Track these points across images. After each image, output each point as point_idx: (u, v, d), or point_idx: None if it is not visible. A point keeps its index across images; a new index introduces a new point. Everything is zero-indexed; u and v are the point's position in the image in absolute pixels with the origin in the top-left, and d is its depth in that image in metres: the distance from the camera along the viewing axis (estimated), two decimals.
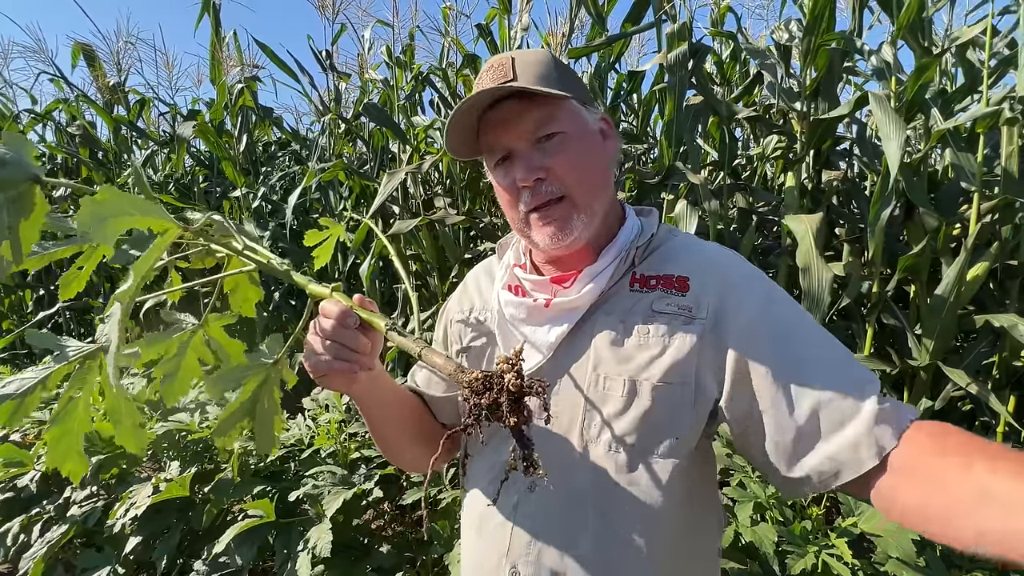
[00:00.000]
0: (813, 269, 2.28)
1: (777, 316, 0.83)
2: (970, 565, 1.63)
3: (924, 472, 0.66)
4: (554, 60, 0.91)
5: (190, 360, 0.94)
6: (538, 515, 0.88)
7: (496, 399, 0.63)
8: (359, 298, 0.85)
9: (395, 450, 1.08)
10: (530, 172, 0.87)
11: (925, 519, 0.64)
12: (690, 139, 2.76)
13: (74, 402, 0.82)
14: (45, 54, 5.05)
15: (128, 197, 0.64)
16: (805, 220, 2.38)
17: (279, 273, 0.86)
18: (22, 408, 0.79)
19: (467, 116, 0.90)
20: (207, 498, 2.17)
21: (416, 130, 3.74)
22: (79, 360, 0.82)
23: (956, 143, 2.35)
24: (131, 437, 0.86)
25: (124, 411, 0.85)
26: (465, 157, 0.98)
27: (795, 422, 0.75)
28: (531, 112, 0.87)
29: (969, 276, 2.30)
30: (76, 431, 0.83)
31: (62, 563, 2.47)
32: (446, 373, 0.70)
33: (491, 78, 0.89)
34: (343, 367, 0.82)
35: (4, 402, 0.78)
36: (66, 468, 0.83)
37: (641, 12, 2.95)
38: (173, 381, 0.93)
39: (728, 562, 1.67)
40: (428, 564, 2.17)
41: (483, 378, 0.65)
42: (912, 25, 2.29)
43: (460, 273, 3.52)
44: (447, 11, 3.78)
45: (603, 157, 0.94)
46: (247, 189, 4.47)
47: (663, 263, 0.92)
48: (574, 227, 0.89)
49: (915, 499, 0.65)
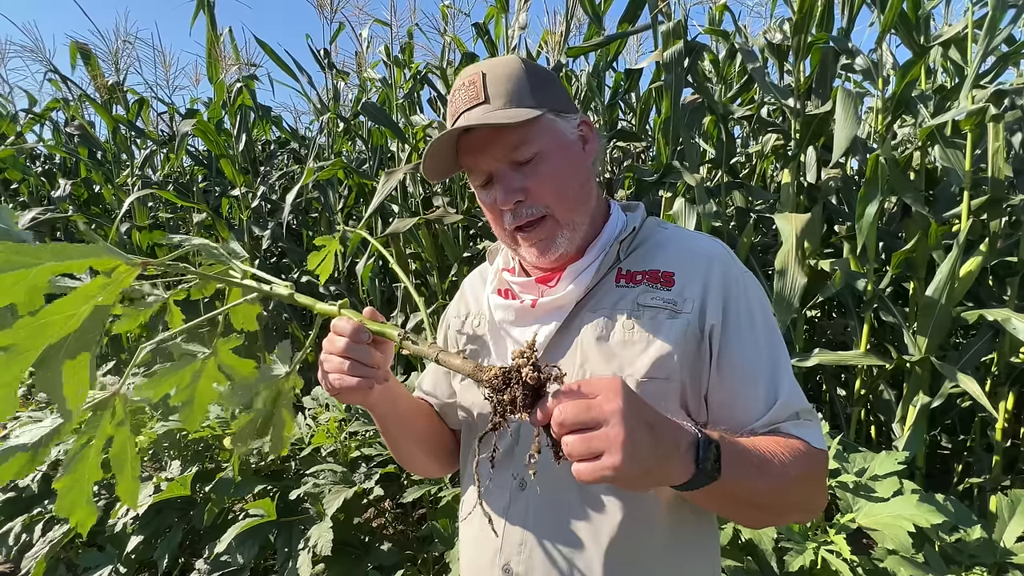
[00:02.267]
0: (789, 273, 2.31)
1: (750, 316, 0.87)
2: (968, 561, 1.64)
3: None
4: (526, 70, 0.90)
5: (204, 386, 0.96)
6: (529, 513, 0.89)
7: (515, 395, 0.63)
8: (369, 311, 0.86)
9: (409, 455, 1.10)
10: (509, 196, 0.88)
11: None
12: (687, 137, 2.77)
13: (85, 450, 0.81)
14: (43, 53, 5.04)
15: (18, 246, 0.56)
16: (793, 220, 2.40)
17: (283, 298, 0.87)
18: (36, 459, 0.79)
19: (444, 143, 0.91)
20: (208, 497, 2.18)
21: (415, 129, 3.74)
22: (91, 408, 0.82)
23: (945, 141, 2.36)
24: (130, 488, 0.85)
25: (128, 460, 0.84)
26: (444, 176, 1.00)
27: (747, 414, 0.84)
28: (504, 135, 0.87)
29: (962, 272, 2.31)
30: (87, 479, 0.81)
31: (64, 562, 2.48)
32: (465, 373, 0.69)
33: (463, 98, 0.89)
34: (360, 383, 0.83)
35: (17, 453, 0.78)
36: (75, 518, 0.81)
37: (637, 12, 2.96)
38: (191, 408, 0.95)
39: (727, 560, 1.67)
40: (429, 562, 2.18)
41: (501, 374, 0.65)
42: (907, 23, 2.30)
43: (460, 272, 3.52)
44: (445, 10, 3.78)
45: (582, 167, 0.94)
46: (246, 188, 4.47)
47: (649, 258, 0.93)
48: (559, 244, 0.91)
49: None
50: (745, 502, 0.77)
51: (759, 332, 0.86)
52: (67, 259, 0.58)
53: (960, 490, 2.73)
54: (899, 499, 1.65)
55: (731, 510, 0.83)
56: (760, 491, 0.75)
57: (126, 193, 4.75)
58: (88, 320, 0.63)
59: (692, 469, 0.66)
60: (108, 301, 0.65)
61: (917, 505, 1.58)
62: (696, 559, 0.92)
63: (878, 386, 2.70)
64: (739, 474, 0.70)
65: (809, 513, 0.93)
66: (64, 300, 0.60)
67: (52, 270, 0.57)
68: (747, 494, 0.75)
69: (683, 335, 0.84)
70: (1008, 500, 1.73)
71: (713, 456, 0.67)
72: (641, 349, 0.85)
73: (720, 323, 0.85)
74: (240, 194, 4.44)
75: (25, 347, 0.58)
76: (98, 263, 0.63)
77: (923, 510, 1.56)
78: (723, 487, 0.69)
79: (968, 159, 2.31)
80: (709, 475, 0.66)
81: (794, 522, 0.90)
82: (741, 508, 0.80)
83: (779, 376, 0.84)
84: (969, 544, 1.66)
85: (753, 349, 0.85)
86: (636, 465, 0.59)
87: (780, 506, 0.82)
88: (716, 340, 0.85)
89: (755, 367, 0.84)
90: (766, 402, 0.83)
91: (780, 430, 0.82)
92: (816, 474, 0.82)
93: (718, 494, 0.72)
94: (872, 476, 1.75)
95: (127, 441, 0.83)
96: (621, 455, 0.59)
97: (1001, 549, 1.64)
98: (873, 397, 2.76)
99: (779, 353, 0.86)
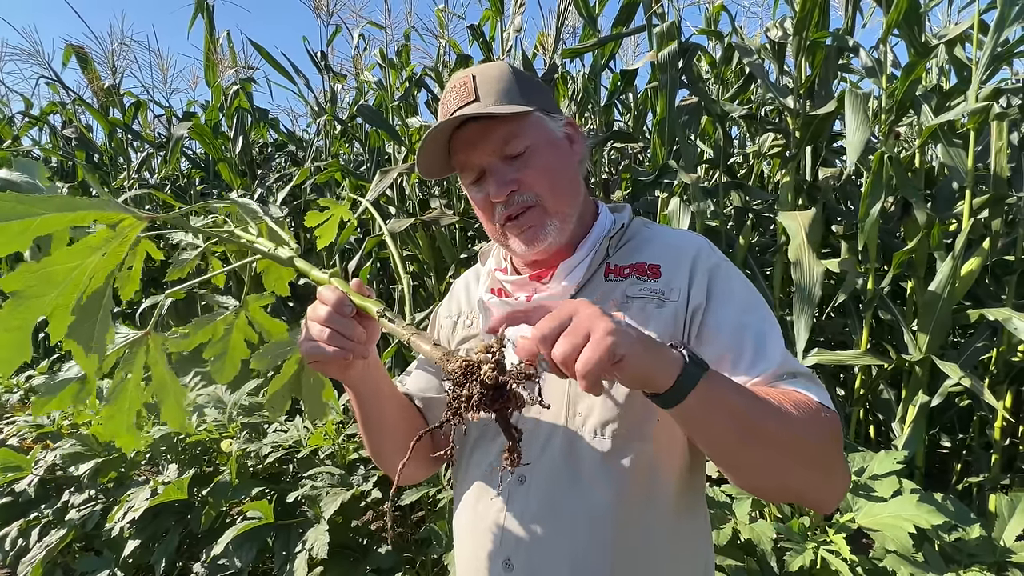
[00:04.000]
0: (804, 263, 2.32)
1: (730, 289, 0.89)
2: (968, 560, 1.64)
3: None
4: (514, 73, 0.94)
5: (236, 340, 1.00)
6: (528, 506, 0.90)
7: (473, 391, 0.61)
8: (356, 283, 0.86)
9: (384, 450, 1.08)
10: (502, 187, 0.90)
11: None
12: (683, 137, 2.78)
13: (124, 383, 0.89)
14: (41, 57, 5.04)
15: (29, 196, 0.58)
16: (799, 217, 2.42)
17: (282, 261, 0.90)
18: (85, 389, 0.89)
19: (437, 140, 0.93)
20: (205, 500, 2.17)
21: (411, 131, 3.74)
22: (127, 346, 0.90)
23: (948, 140, 2.37)
24: (175, 412, 0.95)
25: (170, 388, 0.93)
26: (437, 175, 1.02)
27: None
28: (496, 131, 0.90)
29: (963, 271, 2.31)
30: (128, 409, 0.90)
31: (61, 567, 2.47)
32: (433, 360, 0.69)
33: (455, 99, 0.92)
34: (337, 354, 0.82)
35: (69, 384, 0.88)
36: (120, 441, 0.91)
37: (630, 16, 2.98)
38: (223, 361, 1.00)
39: (726, 559, 1.67)
40: (427, 564, 2.18)
41: (463, 368, 0.63)
42: (908, 22, 2.30)
43: (456, 273, 3.52)
44: (441, 14, 3.78)
45: (571, 162, 0.97)
46: (244, 191, 4.46)
47: (635, 253, 0.96)
48: (548, 232, 0.92)
49: None
50: (749, 431, 0.70)
51: (739, 299, 0.88)
52: (73, 210, 0.60)
53: (959, 489, 2.72)
54: (899, 499, 1.65)
55: (736, 441, 0.72)
56: (759, 417, 0.70)
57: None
58: (100, 274, 0.67)
59: (680, 362, 0.65)
60: (116, 256, 0.68)
61: (917, 505, 1.58)
62: (693, 550, 0.93)
63: (877, 385, 2.69)
64: (728, 387, 0.70)
65: (830, 484, 0.79)
66: (68, 250, 0.62)
67: (58, 220, 0.58)
68: (746, 418, 0.69)
69: (672, 322, 0.87)
70: (1008, 499, 1.73)
71: (699, 360, 0.67)
72: None
73: (704, 301, 0.87)
74: (237, 196, 4.43)
75: (32, 294, 0.60)
76: (104, 216, 0.64)
77: (923, 510, 1.56)
78: (716, 398, 0.67)
79: (971, 158, 2.31)
80: (699, 365, 0.66)
81: (816, 499, 0.81)
82: (748, 442, 0.71)
83: (767, 343, 0.83)
84: (968, 543, 1.66)
85: (735, 315, 0.86)
86: (625, 336, 0.60)
87: (793, 451, 0.73)
88: (699, 315, 0.86)
89: (741, 331, 0.84)
90: (753, 364, 0.81)
91: (778, 386, 0.79)
92: (828, 433, 0.75)
93: (714, 407, 0.68)
94: (871, 475, 1.75)
95: (165, 374, 0.93)
96: (607, 322, 0.60)
97: (1001, 548, 1.64)
98: (872, 397, 2.76)
99: (767, 324, 0.86)
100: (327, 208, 1.06)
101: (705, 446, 0.76)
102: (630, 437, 0.86)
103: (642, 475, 0.86)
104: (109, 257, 0.67)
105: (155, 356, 0.91)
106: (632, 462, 0.86)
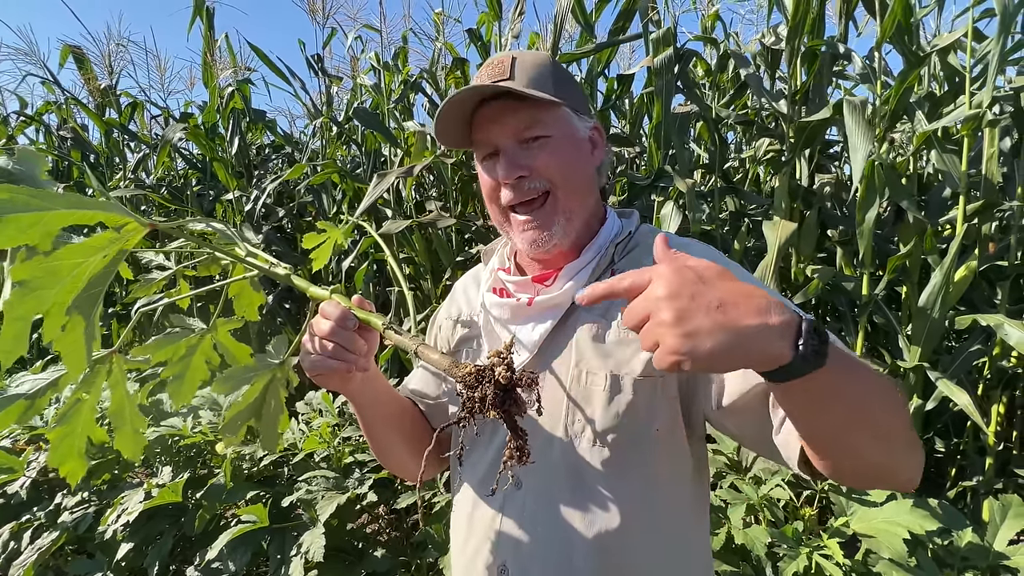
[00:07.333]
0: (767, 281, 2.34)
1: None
2: (961, 564, 1.65)
3: None
4: (554, 65, 0.93)
5: (197, 362, 0.98)
6: (525, 511, 0.89)
7: (486, 393, 0.64)
8: (358, 299, 0.87)
9: (388, 453, 1.09)
10: (512, 170, 0.89)
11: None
12: (679, 142, 2.79)
13: (80, 404, 0.85)
14: (37, 57, 5.01)
15: (39, 191, 0.58)
16: (779, 228, 2.42)
17: (280, 278, 0.89)
18: (33, 408, 0.82)
19: (459, 108, 0.92)
20: (200, 503, 2.16)
21: (407, 134, 3.74)
22: (89, 364, 0.84)
23: (941, 146, 2.38)
24: (130, 442, 0.89)
25: (128, 415, 0.88)
26: (453, 145, 1.00)
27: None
28: (520, 112, 0.89)
29: (956, 277, 2.32)
30: (80, 432, 0.85)
31: (53, 570, 2.45)
32: (441, 368, 0.70)
33: (488, 74, 0.91)
34: (339, 367, 0.84)
35: (16, 401, 0.80)
36: (65, 468, 0.85)
37: (626, 24, 2.99)
38: (181, 382, 0.96)
39: (721, 564, 1.67)
40: (423, 568, 2.17)
41: (476, 372, 0.66)
42: (900, 30, 2.32)
43: (453, 276, 3.52)
44: (437, 17, 3.79)
45: (588, 163, 0.96)
46: (240, 192, 4.45)
47: (643, 260, 0.93)
48: (554, 233, 0.91)
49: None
50: (858, 417, 0.61)
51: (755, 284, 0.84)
52: (82, 209, 0.61)
53: (953, 494, 2.74)
54: (893, 504, 1.65)
55: (836, 430, 0.63)
56: (873, 396, 0.61)
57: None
58: (97, 276, 0.65)
59: (792, 336, 0.53)
60: (116, 258, 0.67)
61: (911, 510, 1.59)
62: (693, 559, 0.92)
63: None
64: (848, 365, 0.59)
65: (919, 458, 0.69)
66: (74, 246, 0.63)
67: (66, 217, 0.59)
68: (859, 403, 0.61)
69: None
70: (1000, 504, 1.74)
71: (818, 337, 0.54)
72: (636, 348, 0.86)
73: None
74: (234, 198, 4.42)
75: (38, 285, 0.60)
76: (109, 218, 0.65)
77: (917, 516, 1.57)
78: (829, 381, 0.56)
79: (964, 163, 2.33)
80: (816, 349, 0.53)
81: (898, 482, 0.69)
82: (852, 429, 0.62)
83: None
84: (961, 548, 1.67)
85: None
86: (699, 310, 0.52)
87: (895, 434, 0.64)
88: None
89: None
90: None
91: None
92: (903, 403, 0.67)
93: (825, 391, 0.58)
94: None
95: (124, 398, 0.88)
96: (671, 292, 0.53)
97: (993, 552, 1.65)
98: None
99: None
100: (324, 231, 1.07)
101: (805, 418, 0.64)
102: (629, 446, 0.85)
103: (640, 483, 0.85)
104: (108, 259, 0.67)
105: (117, 377, 0.87)
106: (630, 471, 0.85)
